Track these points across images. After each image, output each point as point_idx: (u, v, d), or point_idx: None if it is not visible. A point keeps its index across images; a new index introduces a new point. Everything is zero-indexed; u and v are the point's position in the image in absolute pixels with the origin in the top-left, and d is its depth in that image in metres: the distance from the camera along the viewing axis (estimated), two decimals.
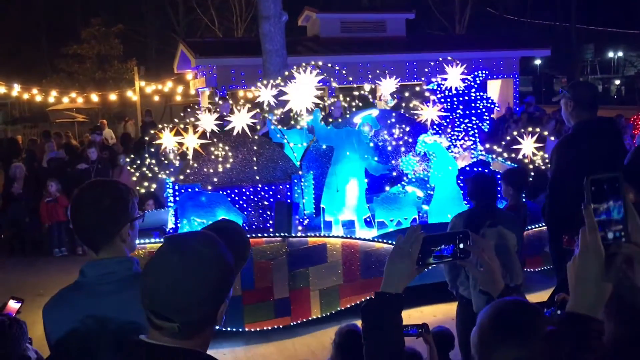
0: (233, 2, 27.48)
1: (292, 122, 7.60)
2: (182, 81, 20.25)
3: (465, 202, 7.50)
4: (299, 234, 6.69)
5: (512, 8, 34.41)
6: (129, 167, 8.86)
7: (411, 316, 6.75)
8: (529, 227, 7.27)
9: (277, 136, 7.61)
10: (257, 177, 7.11)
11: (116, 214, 2.12)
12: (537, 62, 34.50)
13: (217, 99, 11.96)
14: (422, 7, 26.92)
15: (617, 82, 45.37)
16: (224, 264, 1.57)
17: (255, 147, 7.16)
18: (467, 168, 7.78)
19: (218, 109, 9.65)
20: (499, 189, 5.16)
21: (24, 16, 30.90)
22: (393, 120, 7.92)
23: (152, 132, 7.69)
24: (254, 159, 7.14)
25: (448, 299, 6.83)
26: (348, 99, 8.08)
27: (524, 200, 5.80)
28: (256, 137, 7.24)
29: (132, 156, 8.72)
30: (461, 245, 1.79)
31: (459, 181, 7.51)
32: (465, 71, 8.06)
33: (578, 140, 4.42)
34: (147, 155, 7.68)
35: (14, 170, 10.63)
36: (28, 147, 13.80)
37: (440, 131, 7.86)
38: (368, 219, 7.25)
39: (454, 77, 8.01)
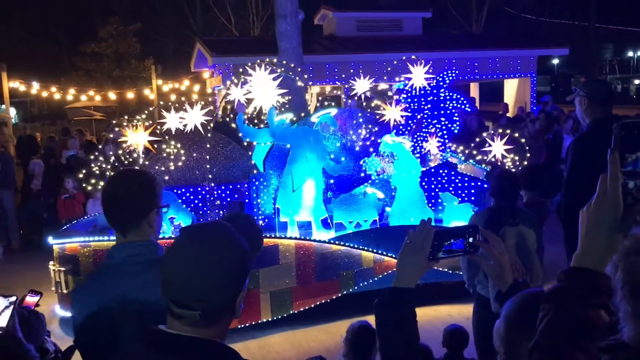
0: (250, 1, 27.56)
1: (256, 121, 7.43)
2: (199, 80, 20.36)
3: (430, 205, 7.29)
4: None
5: (530, 7, 34.13)
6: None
7: (426, 314, 6.75)
8: None
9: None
10: (210, 176, 6.95)
11: (144, 198, 2.22)
12: (555, 61, 34.19)
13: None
14: (439, 6, 26.81)
15: (637, 81, 44.81)
16: (240, 250, 1.60)
17: (208, 146, 6.98)
18: (432, 170, 7.58)
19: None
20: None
21: (43, 15, 31.21)
22: (361, 120, 7.66)
23: (116, 129, 7.62)
24: (207, 157, 6.98)
25: (463, 299, 6.83)
26: (320, 98, 7.96)
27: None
28: (209, 135, 7.05)
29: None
30: (471, 240, 1.80)
31: (424, 183, 7.33)
32: (431, 70, 7.79)
33: (592, 138, 4.37)
34: (102, 153, 7.63)
35: (32, 167, 10.77)
36: (47, 144, 13.97)
37: (405, 131, 7.63)
38: (329, 221, 7.09)
39: (418, 76, 7.75)
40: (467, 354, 4.55)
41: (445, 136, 7.87)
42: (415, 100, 7.85)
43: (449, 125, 7.90)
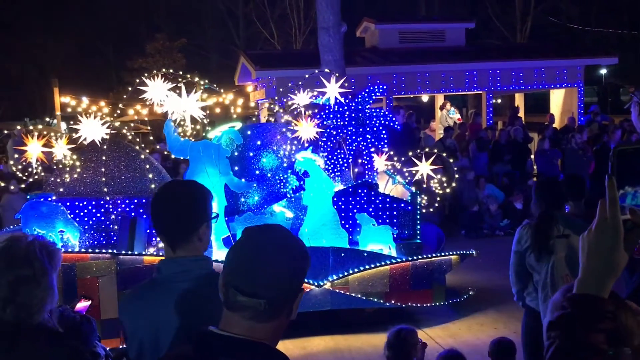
0: (292, 15, 27.88)
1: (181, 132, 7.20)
2: (243, 93, 20.63)
3: (348, 226, 6.94)
4: (136, 252, 6.22)
5: (575, 17, 33.46)
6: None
7: (471, 328, 6.66)
8: (418, 257, 6.68)
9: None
10: (105, 189, 6.74)
11: (195, 212, 2.17)
12: (603, 71, 33.35)
13: (275, 109, 12.10)
14: (482, 16, 26.54)
15: None
16: (302, 247, 1.66)
17: (104, 158, 6.84)
18: (351, 189, 7.16)
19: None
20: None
21: (92, 31, 32.21)
22: (289, 135, 7.29)
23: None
24: (103, 170, 6.84)
25: (510, 313, 6.72)
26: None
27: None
28: (105, 147, 6.86)
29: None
30: None
31: (340, 202, 6.99)
32: (346, 84, 7.51)
33: None
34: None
35: None
36: None
37: (323, 149, 7.40)
38: (232, 240, 6.81)
39: (332, 90, 7.44)
40: None
41: (372, 154, 7.62)
42: (339, 115, 7.54)
43: (376, 143, 7.63)
